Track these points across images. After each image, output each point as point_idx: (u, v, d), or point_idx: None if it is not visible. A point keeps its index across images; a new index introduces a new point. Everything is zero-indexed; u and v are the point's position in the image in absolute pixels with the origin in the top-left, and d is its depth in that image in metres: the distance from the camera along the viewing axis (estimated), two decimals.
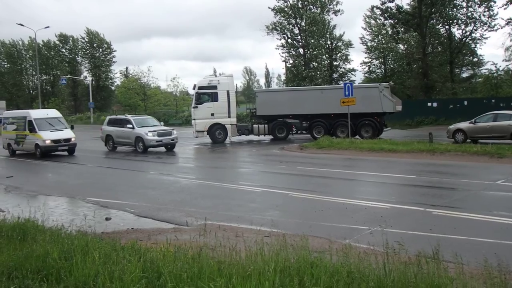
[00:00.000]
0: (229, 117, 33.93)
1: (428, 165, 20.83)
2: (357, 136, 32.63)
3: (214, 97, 33.53)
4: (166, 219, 12.57)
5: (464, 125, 29.01)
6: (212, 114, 33.54)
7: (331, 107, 32.83)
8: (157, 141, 29.44)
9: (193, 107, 34.33)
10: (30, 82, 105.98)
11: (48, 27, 62.46)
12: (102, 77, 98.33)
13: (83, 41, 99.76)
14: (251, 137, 36.37)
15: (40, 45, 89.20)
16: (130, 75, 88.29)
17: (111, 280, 5.99)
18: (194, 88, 34.38)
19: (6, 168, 25.74)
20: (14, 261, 7.11)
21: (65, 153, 30.11)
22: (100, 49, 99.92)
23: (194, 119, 34.26)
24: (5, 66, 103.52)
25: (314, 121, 34.10)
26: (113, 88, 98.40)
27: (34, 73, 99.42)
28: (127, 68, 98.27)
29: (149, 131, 29.46)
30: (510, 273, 6.25)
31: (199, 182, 18.30)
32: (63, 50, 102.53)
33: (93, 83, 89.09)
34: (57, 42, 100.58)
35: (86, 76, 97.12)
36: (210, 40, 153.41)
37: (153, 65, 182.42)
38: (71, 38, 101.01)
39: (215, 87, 33.67)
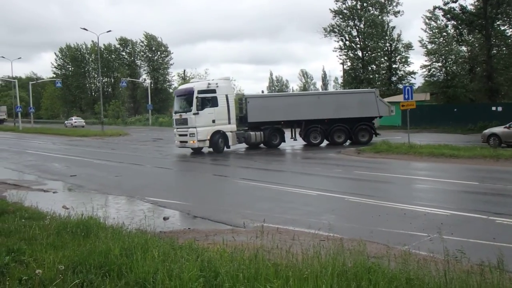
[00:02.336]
0: (229, 123, 30.52)
1: (492, 171, 20.23)
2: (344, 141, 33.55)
3: (214, 102, 29.67)
4: (222, 220, 12.71)
5: (499, 129, 29.30)
6: (213, 121, 29.62)
7: (327, 113, 32.79)
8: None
9: (194, 114, 29.08)
10: (92, 85, 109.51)
11: (110, 31, 64.25)
12: (160, 79, 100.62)
13: (142, 44, 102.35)
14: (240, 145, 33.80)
15: (102, 49, 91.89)
16: (188, 78, 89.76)
17: (170, 278, 6.09)
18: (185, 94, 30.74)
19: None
20: (78, 256, 7.32)
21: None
22: (158, 52, 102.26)
23: (195, 127, 29.09)
24: (70, 69, 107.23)
25: (310, 127, 33.17)
26: (170, 90, 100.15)
27: (96, 75, 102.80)
28: (184, 70, 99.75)
29: None
30: None
31: (254, 184, 18.39)
32: (123, 53, 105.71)
33: (152, 85, 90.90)
34: (118, 46, 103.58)
35: (145, 79, 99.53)
36: (262, 43, 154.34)
37: (208, 68, 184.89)
38: (130, 42, 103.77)
39: (214, 91, 29.93)
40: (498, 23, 51.57)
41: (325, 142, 34.09)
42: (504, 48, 53.26)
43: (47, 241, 8.46)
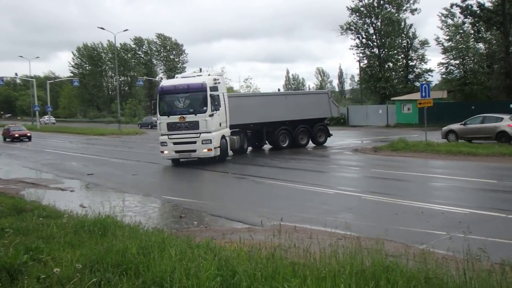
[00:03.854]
0: (227, 126, 26.31)
1: (510, 169, 20.00)
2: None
3: (218, 102, 24.71)
4: (239, 219, 12.71)
5: (456, 126, 31.28)
6: (220, 124, 25.08)
7: (293, 114, 31.13)
8: None
9: (210, 115, 23.70)
10: (109, 84, 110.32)
11: (127, 30, 65.00)
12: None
13: (156, 44, 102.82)
14: None
15: (118, 48, 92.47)
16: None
17: (187, 277, 6.08)
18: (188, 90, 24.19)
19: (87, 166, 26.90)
20: (95, 255, 7.34)
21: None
22: (174, 51, 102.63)
23: (209, 132, 23.59)
24: (87, 68, 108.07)
25: (280, 128, 30.63)
26: None
27: (113, 74, 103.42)
28: (200, 69, 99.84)
29: None
30: None
31: (270, 183, 18.37)
32: (139, 53, 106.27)
33: None
34: (133, 46, 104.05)
35: (162, 78, 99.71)
36: (278, 41, 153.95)
37: (224, 66, 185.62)
38: (146, 41, 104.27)
39: (217, 88, 25.13)
40: None
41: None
42: None
43: (64, 239, 8.51)
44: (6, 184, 19.68)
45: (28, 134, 48.39)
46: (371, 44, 64.13)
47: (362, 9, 62.26)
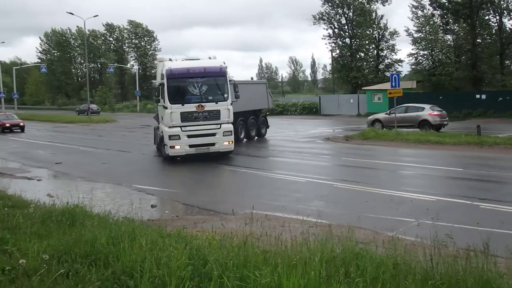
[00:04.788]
0: None
1: (476, 158, 20.41)
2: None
3: (238, 89, 21.84)
4: (211, 208, 12.68)
5: (381, 115, 33.44)
6: None
7: (247, 104, 27.21)
8: None
9: (231, 103, 21.02)
10: (79, 71, 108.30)
11: (96, 15, 63.33)
12: (148, 65, 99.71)
13: (128, 31, 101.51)
14: None
15: (88, 34, 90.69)
16: None
17: (158, 266, 6.02)
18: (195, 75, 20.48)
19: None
20: (63, 245, 7.21)
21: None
22: (145, 38, 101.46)
23: (229, 123, 20.95)
24: (55, 54, 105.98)
25: (238, 119, 26.55)
26: (153, 77, 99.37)
27: (82, 61, 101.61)
28: (173, 57, 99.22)
29: None
30: None
31: (243, 171, 18.36)
32: (110, 39, 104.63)
33: (140, 71, 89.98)
34: (104, 32, 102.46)
35: (133, 65, 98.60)
36: (251, 30, 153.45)
37: (196, 54, 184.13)
38: (117, 28, 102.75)
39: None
40: (482, 12, 51.89)
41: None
42: (488, 37, 53.59)
43: (31, 230, 8.29)
44: None
45: (21, 124, 43.08)
46: (343, 34, 64.49)
47: None
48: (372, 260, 6.40)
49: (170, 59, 21.44)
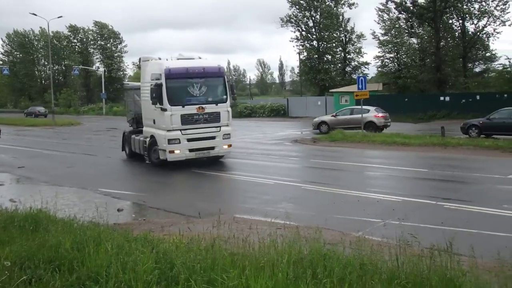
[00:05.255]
0: None
1: (441, 158, 20.75)
2: None
3: (234, 91, 21.55)
4: (179, 211, 12.56)
5: (327, 118, 34.62)
6: None
7: None
8: None
9: (230, 106, 20.40)
10: (42, 73, 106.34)
11: (60, 16, 62.14)
12: (114, 68, 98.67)
13: (93, 32, 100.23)
14: None
15: (52, 36, 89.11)
16: None
17: (124, 271, 5.96)
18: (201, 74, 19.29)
19: None
20: (26, 251, 7.06)
21: None
22: (111, 40, 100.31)
23: (227, 125, 19.93)
24: (18, 56, 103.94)
25: None
26: (126, 79, 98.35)
27: (46, 63, 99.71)
28: (140, 59, 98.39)
29: None
30: None
31: (210, 174, 18.26)
32: (75, 41, 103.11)
33: (105, 73, 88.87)
34: (68, 33, 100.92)
35: (98, 67, 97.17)
36: (218, 32, 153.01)
37: (163, 56, 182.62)
38: (81, 30, 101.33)
39: None
40: (446, 16, 52.94)
41: None
42: (451, 41, 54.70)
43: None
44: None
45: None
46: (311, 37, 64.93)
47: (302, 2, 62.97)
48: (339, 261, 6.45)
49: (159, 58, 20.26)
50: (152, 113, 19.44)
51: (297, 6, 63.33)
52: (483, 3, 52.03)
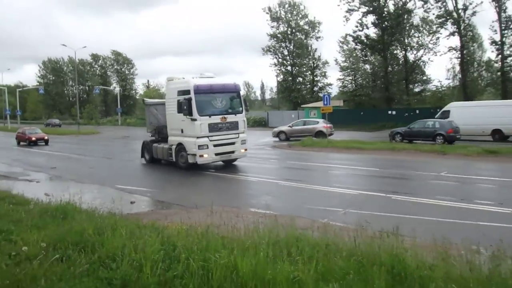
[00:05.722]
0: None
1: (389, 160, 20.89)
2: None
3: (247, 104, 21.85)
4: (179, 203, 12.48)
5: (285, 128, 33.92)
6: None
7: None
8: None
9: (245, 116, 20.04)
10: (70, 92, 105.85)
11: (85, 47, 61.66)
12: (127, 87, 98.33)
13: (111, 59, 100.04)
14: None
15: (77, 62, 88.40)
16: (151, 86, 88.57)
17: (136, 251, 5.91)
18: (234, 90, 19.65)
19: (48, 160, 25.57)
20: (57, 235, 6.99)
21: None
22: (125, 65, 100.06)
23: (243, 132, 19.53)
24: (50, 78, 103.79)
25: None
26: (136, 97, 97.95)
27: (73, 84, 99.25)
28: (148, 80, 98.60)
29: None
30: (450, 244, 6.24)
31: (206, 173, 18.15)
32: (96, 66, 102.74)
33: (120, 92, 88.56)
34: (90, 60, 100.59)
35: (115, 87, 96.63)
36: (210, 59, 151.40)
37: (166, 78, 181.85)
38: (101, 57, 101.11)
39: None
40: (392, 47, 53.52)
41: None
42: (396, 67, 55.33)
43: (31, 223, 8.06)
44: None
45: (46, 138, 37.20)
46: (286, 63, 65.07)
47: (278, 35, 63.23)
48: (309, 242, 6.47)
49: (183, 77, 19.59)
50: (179, 124, 18.68)
51: (275, 39, 63.59)
52: (420, 38, 52.96)
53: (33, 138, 36.39)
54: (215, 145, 18.34)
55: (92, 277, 5.38)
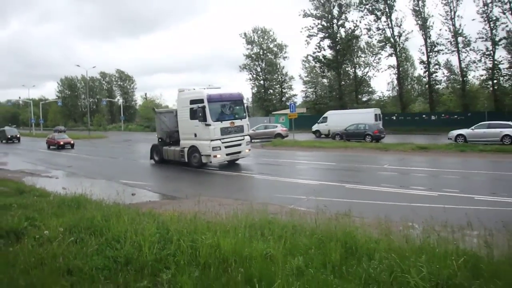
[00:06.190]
0: None
1: (344, 156, 21.11)
2: None
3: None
4: (172, 194, 12.35)
5: (250, 131, 33.14)
6: None
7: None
8: None
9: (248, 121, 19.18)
10: (82, 103, 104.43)
11: (94, 67, 61.58)
12: (129, 99, 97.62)
13: (115, 76, 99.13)
14: None
15: (88, 79, 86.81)
16: (148, 98, 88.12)
17: (136, 234, 5.82)
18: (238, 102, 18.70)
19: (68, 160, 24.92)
20: (72, 222, 6.91)
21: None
22: (127, 80, 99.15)
23: (248, 135, 19.03)
24: (67, 93, 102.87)
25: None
26: (136, 107, 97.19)
27: (84, 97, 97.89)
28: (145, 93, 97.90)
29: None
30: (391, 222, 6.33)
31: (194, 170, 17.92)
32: (103, 82, 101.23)
33: (123, 103, 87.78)
34: (99, 77, 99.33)
35: (119, 99, 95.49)
36: (197, 75, 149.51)
37: (161, 91, 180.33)
38: (108, 74, 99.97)
39: None
40: (344, 65, 54.20)
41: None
42: (348, 81, 56.00)
43: (51, 211, 8.00)
44: (13, 173, 17.86)
45: (72, 142, 35.74)
46: (259, 78, 65.08)
47: (252, 55, 63.30)
48: (279, 224, 6.48)
49: (194, 88, 18.82)
50: (192, 129, 17.71)
51: (249, 58, 63.69)
52: (366, 58, 53.80)
53: (61, 143, 35.27)
54: (226, 147, 17.59)
55: (101, 256, 5.35)
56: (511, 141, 21.77)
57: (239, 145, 18.11)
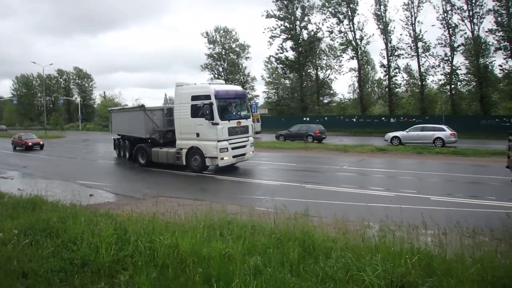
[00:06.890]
0: None
1: (304, 157, 21.33)
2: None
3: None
4: (131, 195, 12.05)
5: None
6: None
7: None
8: None
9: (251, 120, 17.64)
10: (38, 102, 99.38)
11: (51, 64, 58.40)
12: (87, 98, 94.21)
13: (73, 74, 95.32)
14: None
15: (45, 77, 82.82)
16: (107, 97, 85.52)
17: (93, 236, 5.72)
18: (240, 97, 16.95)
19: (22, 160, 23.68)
20: (28, 223, 6.70)
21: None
22: (85, 79, 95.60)
23: (251, 136, 17.52)
24: (23, 91, 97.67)
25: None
26: (95, 106, 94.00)
27: (41, 95, 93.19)
28: (104, 92, 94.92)
29: None
30: (349, 221, 6.56)
31: (155, 170, 17.56)
32: (61, 80, 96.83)
33: (81, 102, 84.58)
34: (56, 75, 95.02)
35: (76, 98, 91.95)
36: (158, 74, 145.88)
37: (120, 90, 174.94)
38: (65, 72, 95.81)
39: None
40: (306, 67, 55.10)
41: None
42: (310, 83, 56.97)
43: (6, 213, 7.70)
44: None
45: (41, 143, 32.12)
46: (221, 78, 64.56)
47: (214, 55, 62.77)
48: (238, 224, 6.53)
49: (194, 83, 16.82)
50: (193, 128, 15.82)
51: (211, 58, 63.08)
52: (328, 60, 54.84)
53: (30, 143, 31.57)
54: (233, 148, 15.92)
55: (57, 258, 5.25)
56: (442, 143, 23.42)
57: (244, 146, 16.57)
